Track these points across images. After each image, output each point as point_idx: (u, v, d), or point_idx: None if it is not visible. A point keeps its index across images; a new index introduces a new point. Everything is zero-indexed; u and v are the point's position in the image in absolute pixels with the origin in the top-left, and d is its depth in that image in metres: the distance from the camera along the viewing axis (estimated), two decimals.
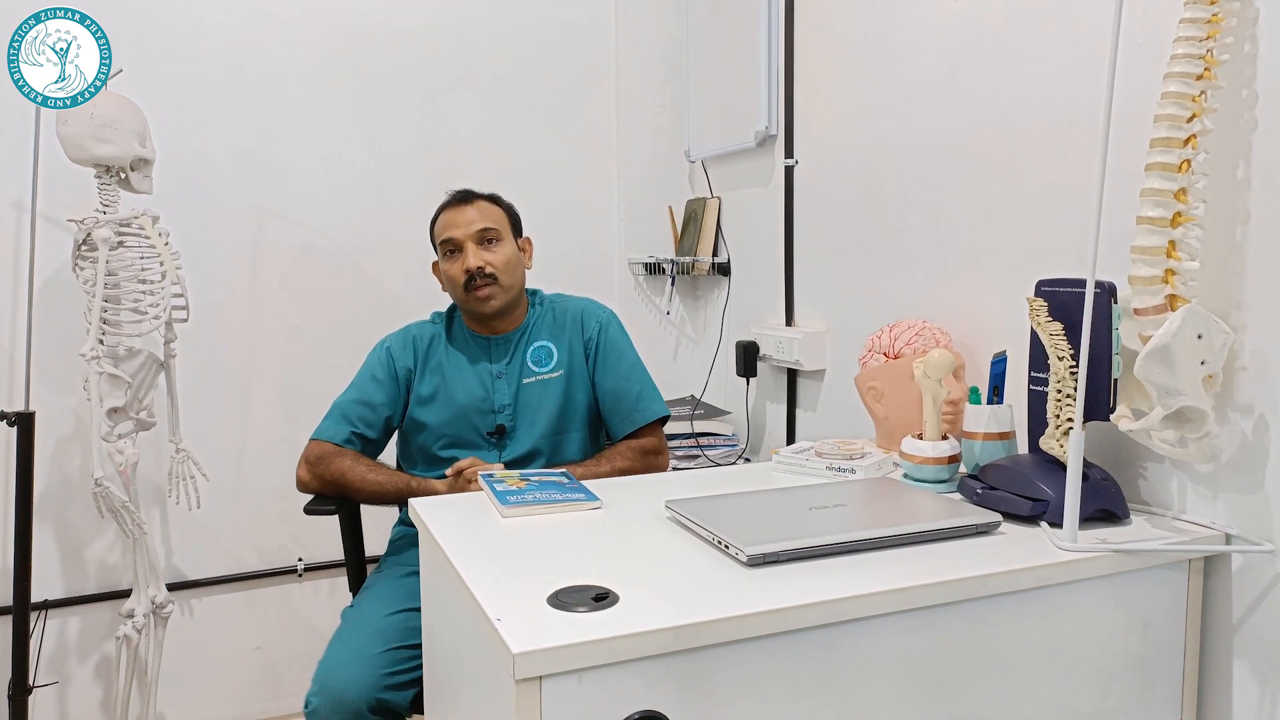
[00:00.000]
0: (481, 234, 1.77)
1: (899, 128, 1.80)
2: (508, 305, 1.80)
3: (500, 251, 1.77)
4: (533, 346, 1.83)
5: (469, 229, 1.76)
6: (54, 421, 2.24)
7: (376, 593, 1.64)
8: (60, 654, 2.30)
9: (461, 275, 1.75)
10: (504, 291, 1.77)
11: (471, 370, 1.81)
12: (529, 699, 0.86)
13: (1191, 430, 1.12)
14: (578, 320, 1.86)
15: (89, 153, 1.92)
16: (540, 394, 1.80)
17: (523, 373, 1.81)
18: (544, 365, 1.82)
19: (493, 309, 1.77)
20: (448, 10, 2.56)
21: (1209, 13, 1.12)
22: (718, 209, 2.53)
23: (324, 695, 1.43)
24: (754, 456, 2.40)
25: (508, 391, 1.79)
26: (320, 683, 1.45)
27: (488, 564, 1.09)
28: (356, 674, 1.44)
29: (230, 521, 2.43)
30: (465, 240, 1.76)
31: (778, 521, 1.18)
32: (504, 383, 1.80)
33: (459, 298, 1.80)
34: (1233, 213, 1.16)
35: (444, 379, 1.80)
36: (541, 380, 1.81)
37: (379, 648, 1.48)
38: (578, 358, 1.83)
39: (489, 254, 1.76)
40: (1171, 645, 1.18)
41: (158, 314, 2.01)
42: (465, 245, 1.76)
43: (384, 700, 1.44)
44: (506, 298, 1.78)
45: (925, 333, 1.63)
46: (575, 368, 1.83)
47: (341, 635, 1.54)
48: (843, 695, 0.99)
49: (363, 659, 1.46)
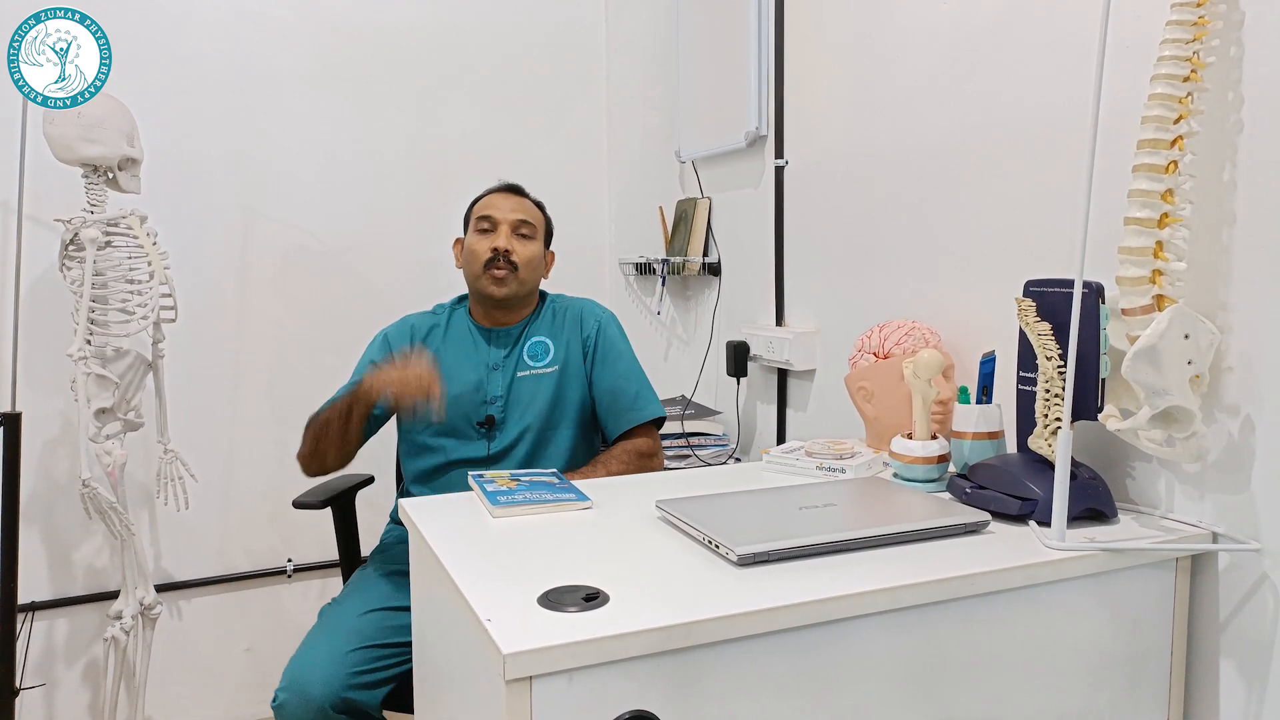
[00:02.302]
0: (519, 224, 1.81)
1: (889, 129, 1.80)
2: (514, 299, 1.81)
3: (530, 247, 1.81)
4: (530, 341, 1.84)
5: (510, 215, 1.81)
6: (41, 422, 2.23)
7: (355, 592, 1.65)
8: (48, 656, 2.29)
9: (486, 252, 1.77)
10: (519, 284, 1.79)
11: (468, 359, 1.81)
12: (519, 699, 0.86)
13: (1179, 430, 1.13)
14: (577, 319, 1.88)
15: (77, 153, 1.91)
16: (533, 388, 1.80)
17: (518, 366, 1.82)
18: (539, 360, 1.82)
19: (501, 295, 1.78)
20: (438, 10, 2.56)
21: (1195, 15, 1.13)
22: (708, 209, 2.53)
23: (290, 691, 1.45)
24: (744, 456, 2.40)
25: (502, 383, 1.80)
26: (288, 679, 1.46)
27: (478, 564, 1.09)
28: (324, 672, 1.45)
29: (219, 522, 2.42)
30: (502, 222, 1.80)
31: (768, 521, 1.18)
32: (499, 374, 1.80)
33: (473, 274, 1.80)
34: (1219, 214, 1.17)
35: (439, 365, 1.79)
36: (535, 375, 1.81)
37: (350, 646, 1.49)
38: (575, 355, 1.84)
39: (519, 244, 1.80)
40: (1159, 643, 1.18)
41: (145, 314, 2.00)
42: (500, 227, 1.79)
43: (351, 699, 1.45)
44: (519, 290, 1.80)
45: (915, 333, 1.64)
46: (571, 365, 1.83)
47: (314, 633, 1.55)
48: (833, 694, 0.99)
49: (332, 657, 1.47)
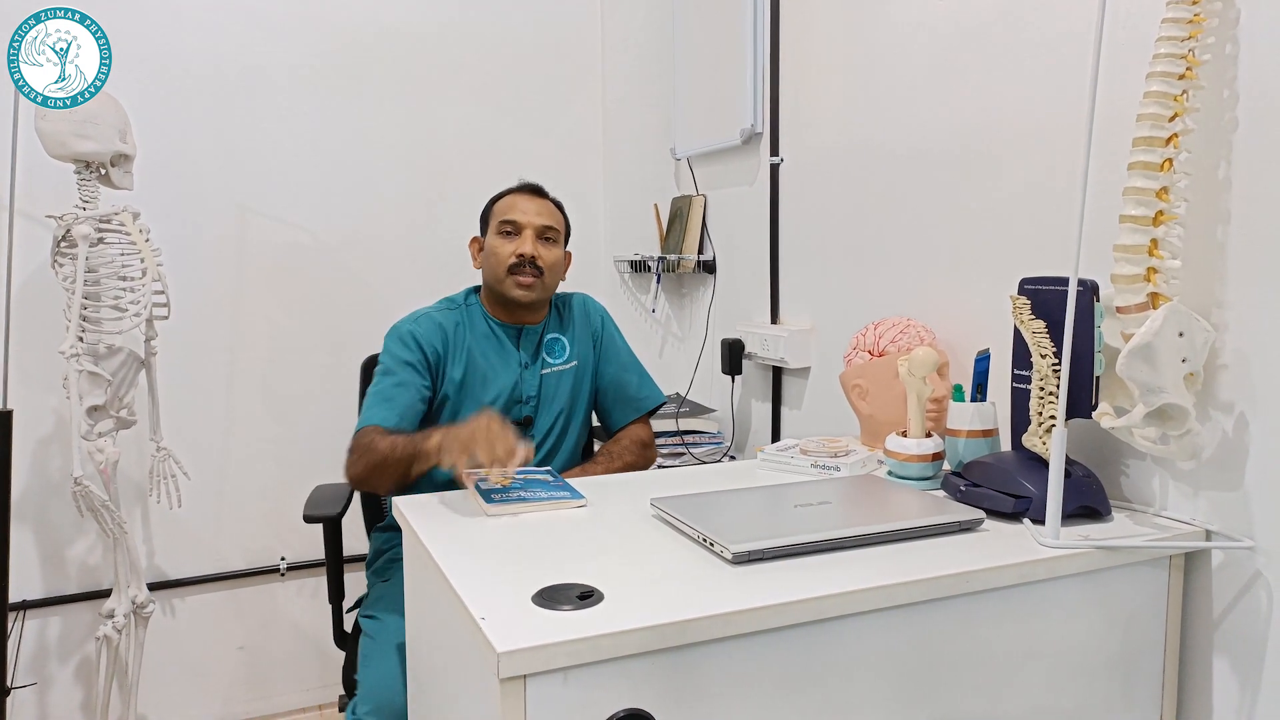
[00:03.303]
0: (544, 229, 1.79)
1: (884, 126, 1.80)
2: (539, 303, 1.82)
3: (554, 252, 1.80)
4: (547, 338, 1.85)
5: (535, 219, 1.79)
6: (33, 420, 2.22)
7: (396, 602, 1.60)
8: (40, 655, 2.28)
9: (511, 256, 1.76)
10: (544, 289, 1.79)
11: (499, 359, 1.80)
12: (514, 698, 0.86)
13: (1173, 428, 1.13)
14: (583, 313, 1.90)
15: (70, 149, 1.90)
16: (555, 385, 1.83)
17: (541, 365, 1.83)
18: (558, 357, 1.84)
19: (526, 300, 1.78)
20: (433, 8, 2.55)
21: (1190, 13, 1.13)
22: (703, 207, 2.53)
23: (380, 714, 1.46)
24: (739, 454, 2.40)
25: (533, 383, 1.81)
26: (374, 700, 1.47)
27: (472, 563, 1.08)
28: (405, 687, 1.46)
29: (212, 520, 2.42)
30: (528, 227, 1.77)
31: (762, 519, 1.18)
32: (530, 374, 1.81)
33: (497, 277, 1.77)
34: (1214, 211, 1.17)
35: (474, 365, 1.77)
36: (556, 372, 1.83)
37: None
38: (586, 350, 1.87)
39: (544, 249, 1.78)
40: (1152, 641, 1.19)
41: (138, 311, 1.99)
42: (526, 231, 1.77)
43: None
44: (542, 295, 1.80)
45: (910, 330, 1.63)
46: (585, 359, 1.86)
47: (376, 647, 1.56)
48: (827, 692, 0.99)
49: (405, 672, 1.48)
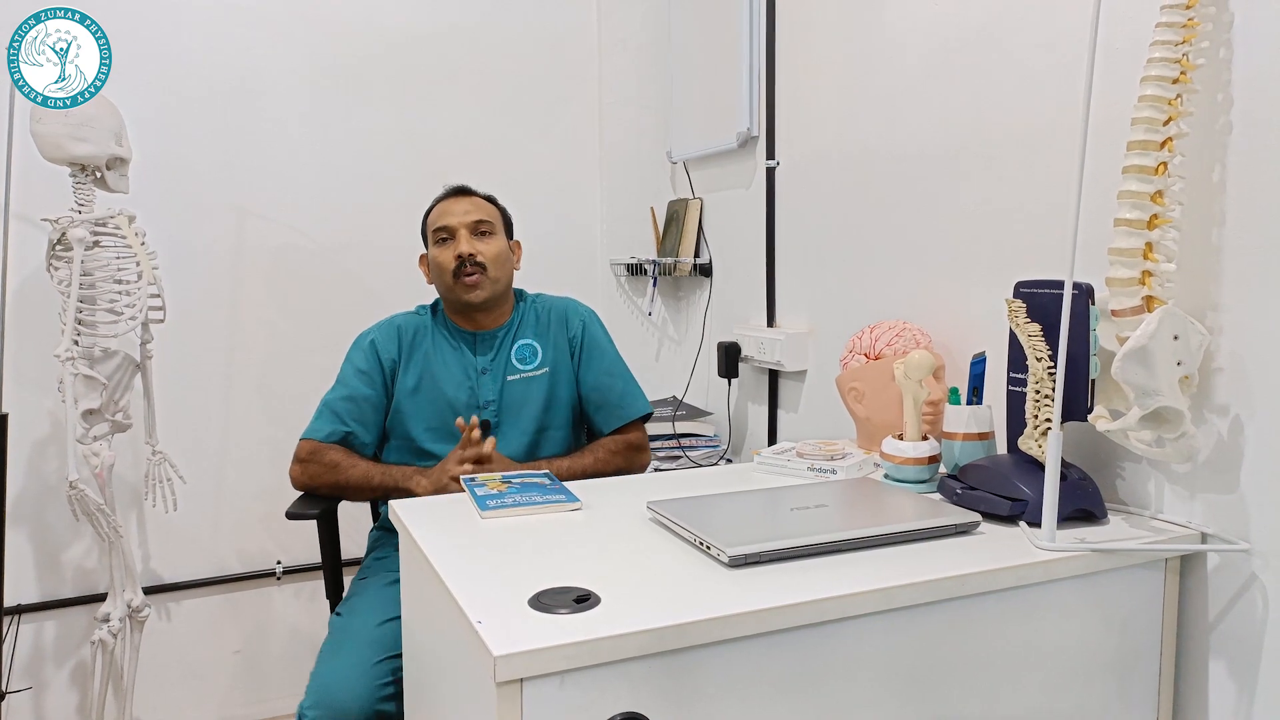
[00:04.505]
0: (476, 225, 1.78)
1: (880, 129, 1.81)
2: (493, 299, 1.79)
3: (492, 244, 1.78)
4: (517, 344, 1.83)
5: (464, 218, 1.78)
6: (28, 423, 2.21)
7: (364, 601, 1.61)
8: (35, 659, 2.27)
9: (452, 261, 1.75)
10: (491, 283, 1.77)
11: (456, 364, 1.80)
12: (510, 702, 0.85)
13: (1168, 430, 1.13)
14: (562, 318, 1.87)
15: (65, 151, 1.89)
16: (525, 391, 1.80)
17: (507, 370, 1.81)
18: (528, 363, 1.82)
19: (478, 299, 1.76)
20: (431, 10, 2.55)
21: (1185, 17, 1.13)
22: (699, 210, 2.53)
23: (322, 708, 1.42)
24: (736, 457, 2.40)
25: (493, 388, 1.79)
26: (317, 695, 1.43)
27: (469, 566, 1.08)
28: (355, 687, 1.43)
29: (209, 524, 2.41)
30: (459, 228, 1.77)
31: (759, 522, 1.18)
32: (489, 379, 1.79)
33: (445, 286, 1.79)
34: (1209, 215, 1.17)
35: (429, 371, 1.79)
36: (526, 378, 1.81)
37: (375, 658, 1.46)
38: (563, 355, 1.84)
39: (481, 244, 1.77)
40: (1148, 644, 1.19)
41: (134, 315, 1.98)
42: (459, 232, 1.76)
43: (381, 711, 1.43)
44: (493, 290, 1.78)
45: (906, 334, 1.64)
46: (560, 365, 1.83)
47: (334, 646, 1.52)
48: (825, 695, 0.99)
49: (359, 670, 1.45)
